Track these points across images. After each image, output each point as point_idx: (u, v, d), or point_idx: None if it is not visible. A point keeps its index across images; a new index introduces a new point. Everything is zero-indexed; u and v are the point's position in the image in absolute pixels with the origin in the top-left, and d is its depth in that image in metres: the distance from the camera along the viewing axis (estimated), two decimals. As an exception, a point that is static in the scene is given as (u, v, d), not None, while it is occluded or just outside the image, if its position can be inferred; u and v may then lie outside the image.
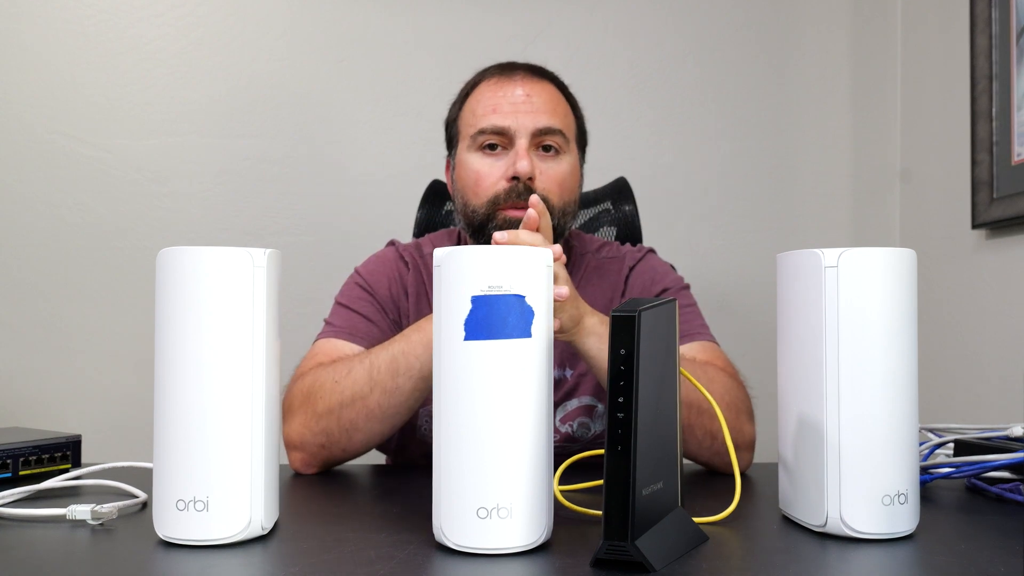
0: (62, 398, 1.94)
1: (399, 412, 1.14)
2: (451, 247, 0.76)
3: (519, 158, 1.22)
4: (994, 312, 1.77)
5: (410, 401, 1.13)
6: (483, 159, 1.25)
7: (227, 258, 0.76)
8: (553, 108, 1.26)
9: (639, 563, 0.67)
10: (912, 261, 0.79)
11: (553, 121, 1.25)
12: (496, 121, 1.24)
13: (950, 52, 1.92)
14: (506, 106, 1.25)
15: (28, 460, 1.08)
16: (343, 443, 1.15)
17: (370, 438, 1.16)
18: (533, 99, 1.25)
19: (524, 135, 1.23)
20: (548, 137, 1.25)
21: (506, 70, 1.29)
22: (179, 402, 0.76)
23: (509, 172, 1.22)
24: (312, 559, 0.73)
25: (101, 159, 1.97)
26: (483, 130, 1.25)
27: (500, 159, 1.25)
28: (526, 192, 1.21)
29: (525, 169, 1.21)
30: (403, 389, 1.11)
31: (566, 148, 1.27)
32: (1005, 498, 0.94)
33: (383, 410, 1.12)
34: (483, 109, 1.26)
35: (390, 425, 1.15)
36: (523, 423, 0.73)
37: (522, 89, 1.26)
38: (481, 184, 1.25)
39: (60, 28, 1.96)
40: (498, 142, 1.25)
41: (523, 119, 1.23)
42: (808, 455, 0.80)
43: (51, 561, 0.75)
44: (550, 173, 1.25)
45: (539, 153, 1.25)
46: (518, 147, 1.23)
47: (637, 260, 1.37)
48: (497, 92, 1.26)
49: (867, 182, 2.15)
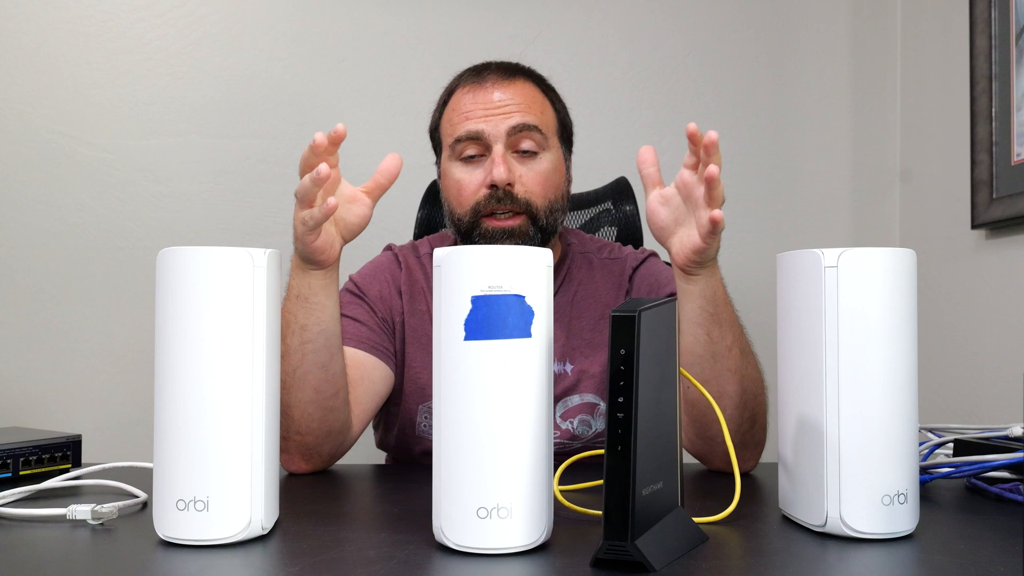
0: (62, 398, 1.94)
1: (308, 372, 1.09)
2: (451, 247, 0.76)
3: (495, 165, 1.22)
4: (994, 312, 1.77)
5: (308, 357, 1.09)
6: (463, 169, 1.26)
7: (227, 258, 0.76)
8: (528, 106, 1.25)
9: (639, 563, 0.68)
10: (912, 261, 0.79)
11: (528, 118, 1.24)
12: (470, 127, 1.24)
13: (950, 52, 1.92)
14: (479, 111, 1.24)
15: (28, 460, 1.08)
16: (292, 426, 1.11)
17: (306, 410, 1.10)
18: (506, 100, 1.25)
19: (499, 140, 1.23)
20: (524, 136, 1.24)
21: (477, 74, 1.29)
22: (179, 402, 0.76)
23: (487, 180, 1.23)
24: (312, 559, 0.73)
25: (101, 159, 1.97)
26: (459, 139, 1.25)
27: (479, 167, 1.25)
28: (506, 198, 1.22)
29: (501, 176, 1.21)
30: (293, 347, 1.08)
31: (545, 145, 1.26)
32: (1005, 498, 0.94)
33: (291, 376, 1.09)
34: (458, 117, 1.26)
35: (311, 389, 1.10)
36: (523, 423, 0.73)
37: (496, 92, 1.25)
38: (463, 193, 1.26)
39: (60, 28, 1.96)
40: (475, 150, 1.25)
41: (496, 122, 1.23)
42: (808, 455, 0.80)
43: (51, 561, 0.75)
44: (530, 175, 1.25)
45: (517, 156, 1.25)
46: (494, 154, 1.23)
47: (640, 261, 1.37)
48: (470, 98, 1.26)
49: (867, 182, 2.15)
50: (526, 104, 1.26)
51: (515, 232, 1.23)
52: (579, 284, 1.35)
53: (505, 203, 1.22)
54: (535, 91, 1.29)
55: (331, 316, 1.10)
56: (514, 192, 1.23)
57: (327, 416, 1.13)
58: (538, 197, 1.25)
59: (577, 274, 1.36)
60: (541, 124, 1.26)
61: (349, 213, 1.08)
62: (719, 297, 1.08)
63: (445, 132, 1.29)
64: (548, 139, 1.27)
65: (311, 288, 1.08)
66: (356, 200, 1.08)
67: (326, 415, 1.13)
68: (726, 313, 1.08)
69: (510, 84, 1.27)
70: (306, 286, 1.08)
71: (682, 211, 1.06)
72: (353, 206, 1.08)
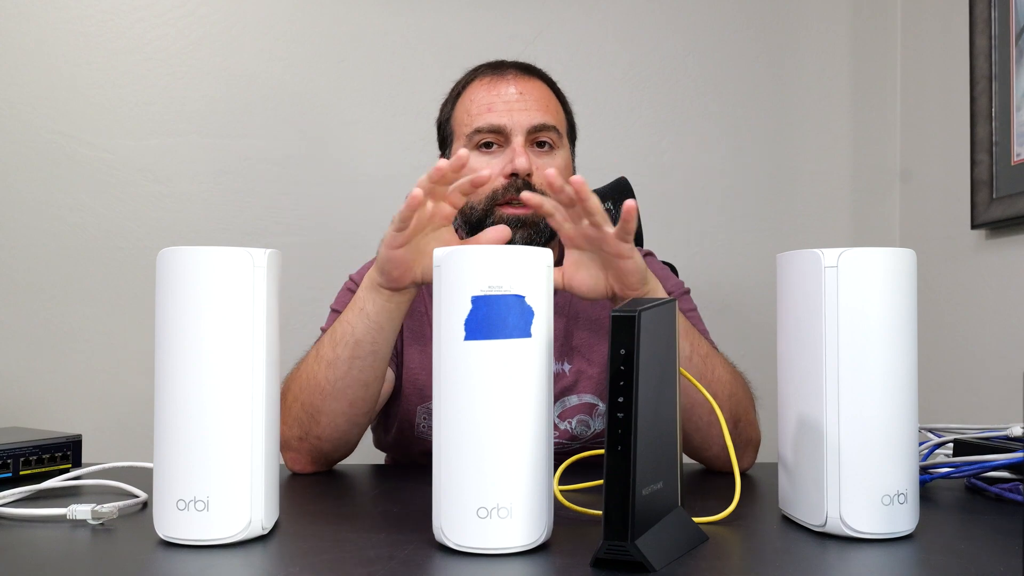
0: (62, 398, 1.94)
1: (349, 386, 1.11)
2: (451, 247, 0.76)
3: (517, 155, 1.22)
4: (994, 312, 1.77)
5: (353, 371, 1.10)
6: (480, 157, 1.26)
7: (227, 258, 0.76)
8: (546, 105, 1.27)
9: (639, 563, 0.68)
10: (912, 261, 0.79)
11: (547, 118, 1.26)
12: (492, 120, 1.24)
13: (950, 52, 1.92)
14: (500, 104, 1.25)
15: (28, 460, 1.08)
16: (315, 431, 1.13)
17: (336, 420, 1.13)
18: (526, 97, 1.26)
19: (520, 132, 1.24)
20: (543, 134, 1.25)
21: (497, 69, 1.30)
22: (179, 402, 0.76)
23: (507, 169, 1.23)
24: (312, 559, 0.73)
25: (101, 159, 1.97)
26: (479, 129, 1.25)
27: (496, 156, 1.25)
28: (524, 187, 1.22)
29: (524, 165, 1.22)
30: (342, 358, 1.10)
31: (559, 143, 1.28)
32: (1004, 498, 0.94)
33: (332, 384, 1.11)
34: (477, 108, 1.26)
35: (347, 403, 1.12)
36: (523, 423, 0.73)
37: (515, 87, 1.27)
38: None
39: (60, 28, 1.96)
40: (494, 140, 1.25)
41: (518, 117, 1.24)
42: (808, 455, 0.80)
43: (51, 561, 0.75)
44: (546, 169, 1.25)
45: (534, 149, 1.26)
46: (515, 144, 1.23)
47: (639, 261, 1.37)
48: (491, 91, 1.27)
49: (867, 182, 2.15)
50: (544, 103, 1.27)
51: (528, 222, 1.23)
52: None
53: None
54: (549, 92, 1.31)
55: (386, 340, 1.11)
56: (532, 182, 1.23)
57: (352, 430, 1.16)
58: None
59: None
60: (557, 124, 1.28)
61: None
62: None
63: (460, 122, 1.29)
64: (562, 138, 1.29)
65: (376, 305, 1.09)
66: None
67: (351, 428, 1.16)
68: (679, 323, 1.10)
69: (529, 81, 1.29)
70: (371, 301, 1.09)
71: (595, 258, 1.07)
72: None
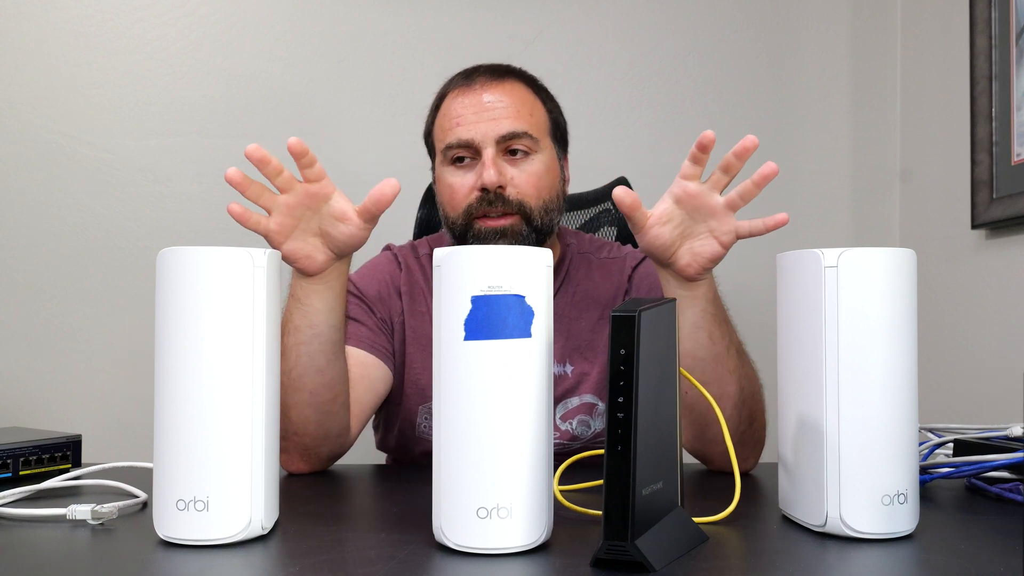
0: (62, 398, 1.94)
1: (302, 374, 1.09)
2: (451, 247, 0.76)
3: (485, 169, 1.22)
4: (994, 312, 1.77)
5: (302, 358, 1.09)
6: (455, 173, 1.26)
7: (227, 258, 0.76)
8: (517, 110, 1.25)
9: (639, 563, 0.68)
10: (912, 261, 0.79)
11: (517, 125, 1.24)
12: (460, 135, 1.24)
13: (950, 52, 1.92)
14: (469, 117, 1.24)
15: (28, 460, 1.08)
16: (290, 427, 1.11)
17: (303, 412, 1.11)
18: (496, 105, 1.25)
19: (489, 144, 1.23)
20: (514, 142, 1.24)
21: (468, 77, 1.29)
22: (179, 402, 0.76)
23: (478, 183, 1.23)
24: (312, 559, 0.73)
25: (101, 159, 1.97)
26: (450, 145, 1.25)
27: (470, 171, 1.25)
28: (497, 200, 1.23)
29: (491, 180, 1.21)
30: (288, 347, 1.09)
31: (536, 147, 1.26)
32: (1005, 498, 0.94)
33: (287, 376, 1.09)
34: (448, 123, 1.26)
35: (307, 392, 1.10)
36: (523, 423, 0.73)
37: (484, 94, 1.25)
38: (455, 197, 1.26)
39: (60, 28, 1.96)
40: (465, 154, 1.25)
41: (486, 128, 1.23)
42: (808, 455, 0.80)
43: (51, 561, 0.75)
44: (521, 177, 1.25)
45: (508, 158, 1.25)
46: (484, 157, 1.23)
47: (639, 260, 1.37)
48: (460, 103, 1.26)
49: (867, 182, 2.15)
50: (516, 106, 1.25)
51: (507, 231, 1.23)
52: (578, 285, 1.34)
53: (496, 205, 1.23)
54: (525, 92, 1.29)
55: (324, 321, 1.09)
56: (506, 194, 1.23)
57: (324, 420, 1.13)
58: (531, 198, 1.25)
59: (576, 275, 1.35)
60: (531, 127, 1.26)
61: (335, 230, 1.06)
62: (718, 296, 1.10)
63: (437, 138, 1.30)
64: (539, 141, 1.27)
65: (303, 290, 1.09)
66: (345, 219, 1.05)
67: (323, 419, 1.13)
68: (723, 312, 1.11)
69: (499, 85, 1.27)
70: (299, 287, 1.10)
71: (687, 224, 1.06)
72: (341, 224, 1.05)
